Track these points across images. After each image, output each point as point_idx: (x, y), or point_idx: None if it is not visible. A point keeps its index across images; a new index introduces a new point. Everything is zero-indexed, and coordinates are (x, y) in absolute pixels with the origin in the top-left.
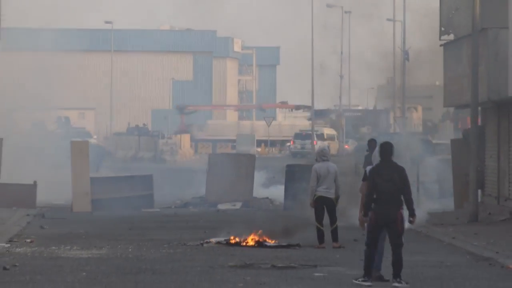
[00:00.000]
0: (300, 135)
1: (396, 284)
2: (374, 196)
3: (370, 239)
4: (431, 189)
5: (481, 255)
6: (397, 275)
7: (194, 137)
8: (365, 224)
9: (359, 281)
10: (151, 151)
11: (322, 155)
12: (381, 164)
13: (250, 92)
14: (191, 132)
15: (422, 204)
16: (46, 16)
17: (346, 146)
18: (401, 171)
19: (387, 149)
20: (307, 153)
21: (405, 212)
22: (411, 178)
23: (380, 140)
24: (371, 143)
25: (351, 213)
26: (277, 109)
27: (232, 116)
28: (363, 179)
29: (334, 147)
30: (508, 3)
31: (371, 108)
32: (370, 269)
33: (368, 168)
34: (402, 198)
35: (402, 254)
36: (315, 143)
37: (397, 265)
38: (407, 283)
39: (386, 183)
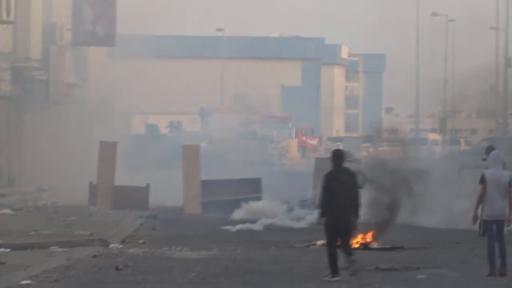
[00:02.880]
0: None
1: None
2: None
3: (329, 237)
4: None
5: None
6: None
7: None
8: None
9: (328, 278)
10: (260, 155)
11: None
12: (337, 170)
13: (356, 98)
14: None
15: None
16: (159, 24)
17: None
18: (354, 177)
19: (339, 155)
20: None
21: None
22: None
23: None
24: (489, 149)
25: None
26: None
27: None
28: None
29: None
30: None
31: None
32: (336, 266)
33: (485, 171)
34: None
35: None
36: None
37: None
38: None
39: (341, 187)
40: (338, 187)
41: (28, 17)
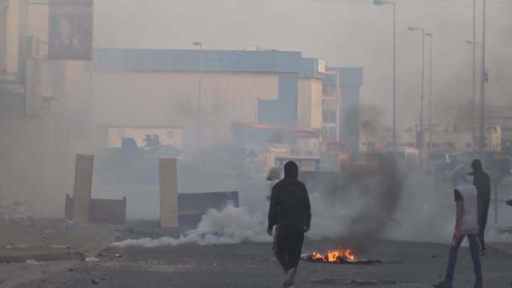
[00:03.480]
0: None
1: None
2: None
3: (278, 248)
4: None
5: None
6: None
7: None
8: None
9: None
10: (237, 168)
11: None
12: (286, 181)
13: (334, 112)
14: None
15: (499, 222)
16: (136, 37)
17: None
18: (301, 187)
19: (289, 168)
20: None
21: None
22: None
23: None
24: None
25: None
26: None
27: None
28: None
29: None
30: None
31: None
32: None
33: (459, 188)
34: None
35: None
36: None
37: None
38: None
39: (289, 198)
40: (286, 198)
41: (3, 30)
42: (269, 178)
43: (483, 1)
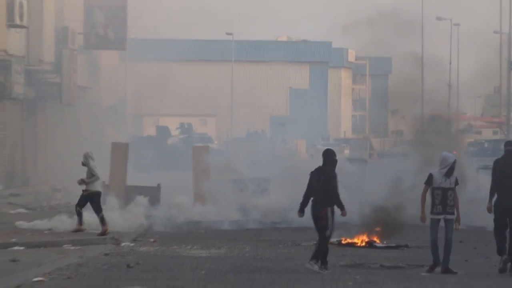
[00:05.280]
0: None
1: (317, 268)
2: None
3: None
4: None
5: None
6: (322, 262)
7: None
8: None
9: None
10: (269, 155)
11: None
12: (318, 168)
13: (363, 100)
14: None
15: None
16: (169, 28)
17: (454, 152)
18: (326, 174)
19: (325, 155)
20: None
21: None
22: None
23: None
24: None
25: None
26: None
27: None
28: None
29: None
30: None
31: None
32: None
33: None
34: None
35: (324, 245)
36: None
37: (320, 253)
38: (326, 269)
39: (316, 184)
40: (314, 184)
41: (40, 22)
42: (84, 163)
43: None
